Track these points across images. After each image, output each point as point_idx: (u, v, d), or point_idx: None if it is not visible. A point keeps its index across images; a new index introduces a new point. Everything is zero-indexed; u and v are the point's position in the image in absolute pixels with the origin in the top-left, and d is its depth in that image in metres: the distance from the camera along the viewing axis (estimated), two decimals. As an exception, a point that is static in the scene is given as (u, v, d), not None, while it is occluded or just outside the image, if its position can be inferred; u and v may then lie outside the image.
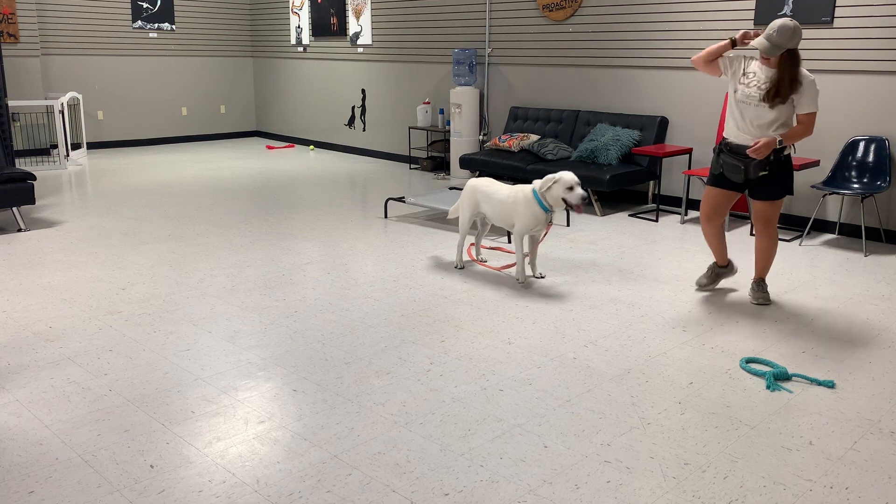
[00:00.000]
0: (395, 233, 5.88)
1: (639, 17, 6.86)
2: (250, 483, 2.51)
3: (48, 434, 2.81)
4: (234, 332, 3.83)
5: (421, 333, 3.83)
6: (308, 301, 4.31)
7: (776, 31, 3.77)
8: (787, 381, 3.30)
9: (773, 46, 3.79)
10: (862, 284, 4.68)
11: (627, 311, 4.17)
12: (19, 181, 5.76)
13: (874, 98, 5.61)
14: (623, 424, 2.91)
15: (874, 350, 3.66)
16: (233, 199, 7.16)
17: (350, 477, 2.55)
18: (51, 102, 8.72)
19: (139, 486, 2.48)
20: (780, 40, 3.77)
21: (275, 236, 5.77)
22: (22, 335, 3.78)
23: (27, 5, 9.38)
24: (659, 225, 6.24)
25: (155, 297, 4.37)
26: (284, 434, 2.83)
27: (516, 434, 2.83)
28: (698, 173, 6.13)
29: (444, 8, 8.65)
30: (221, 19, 11.41)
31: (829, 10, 5.70)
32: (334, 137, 10.66)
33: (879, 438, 2.82)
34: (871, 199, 5.75)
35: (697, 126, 6.66)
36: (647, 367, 3.44)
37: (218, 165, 9.24)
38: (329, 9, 10.17)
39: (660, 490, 2.48)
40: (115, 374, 3.34)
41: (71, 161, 9.21)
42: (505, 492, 2.46)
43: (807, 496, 2.45)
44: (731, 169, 4.12)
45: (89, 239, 5.66)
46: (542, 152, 7.00)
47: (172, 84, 11.06)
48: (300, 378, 3.31)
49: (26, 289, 4.49)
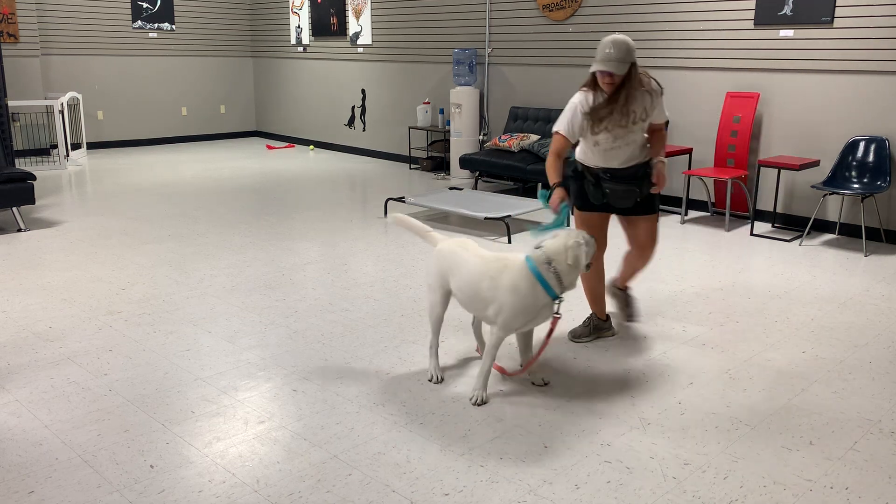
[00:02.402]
0: (395, 233, 5.88)
1: (639, 17, 6.86)
2: (250, 483, 2.51)
3: (48, 434, 2.81)
4: (234, 332, 3.83)
5: (421, 333, 3.83)
6: (308, 301, 4.31)
7: (613, 49, 3.35)
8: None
9: (621, 63, 3.36)
10: (862, 284, 4.68)
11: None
12: (19, 181, 5.76)
13: (874, 98, 5.61)
14: (623, 424, 2.91)
15: (874, 350, 3.66)
16: (233, 199, 7.16)
17: (350, 477, 2.54)
18: (51, 102, 8.72)
19: (139, 486, 2.48)
20: (621, 54, 3.35)
21: (275, 236, 5.77)
22: (22, 335, 3.78)
23: (27, 5, 9.38)
24: (659, 225, 6.24)
25: (155, 297, 4.37)
26: (284, 434, 2.83)
27: (516, 434, 2.83)
28: (699, 173, 6.13)
29: (444, 8, 8.65)
30: (221, 19, 11.40)
31: (829, 10, 5.70)
32: (334, 137, 10.66)
33: (879, 438, 2.82)
34: (871, 199, 5.75)
35: (697, 126, 6.66)
36: (647, 367, 3.43)
37: (218, 165, 9.24)
38: (329, 9, 10.16)
39: (660, 490, 2.48)
40: (115, 374, 3.34)
41: (71, 161, 9.20)
42: (505, 492, 2.46)
43: (807, 496, 2.45)
44: (623, 195, 3.63)
45: (89, 239, 5.66)
46: (542, 152, 7.00)
47: (172, 84, 11.06)
48: (300, 378, 3.31)
49: (26, 289, 4.49)
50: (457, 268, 3.12)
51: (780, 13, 5.95)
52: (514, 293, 2.95)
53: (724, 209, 6.42)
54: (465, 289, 3.08)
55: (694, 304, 4.30)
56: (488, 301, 3.01)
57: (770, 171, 6.19)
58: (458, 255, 3.14)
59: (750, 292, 4.50)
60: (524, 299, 2.96)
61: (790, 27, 5.94)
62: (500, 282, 2.98)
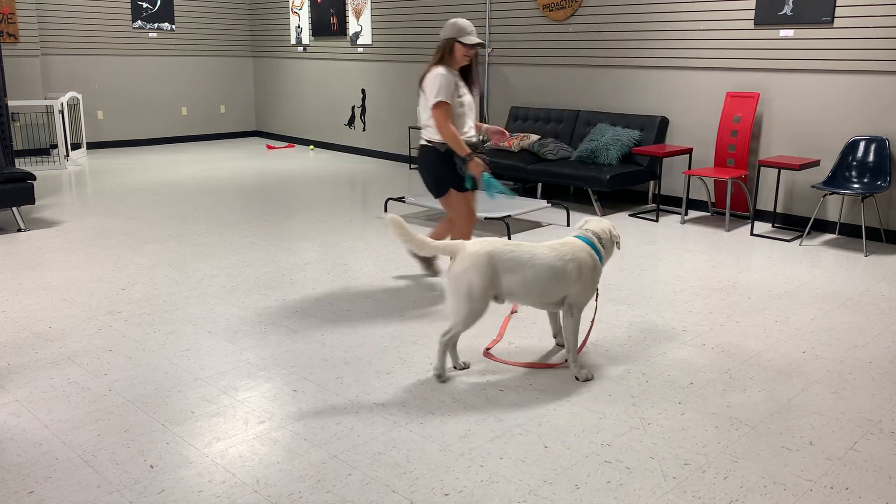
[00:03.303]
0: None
1: (639, 17, 6.86)
2: (250, 483, 2.51)
3: (48, 434, 2.81)
4: (234, 332, 3.83)
5: (421, 333, 3.83)
6: (308, 301, 4.31)
7: (469, 27, 4.03)
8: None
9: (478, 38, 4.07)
10: (862, 284, 4.68)
11: (628, 311, 4.17)
12: (19, 181, 5.76)
13: (874, 98, 5.61)
14: (623, 424, 2.91)
15: (874, 350, 3.66)
16: (233, 199, 7.16)
17: (350, 477, 2.54)
18: (51, 102, 8.72)
19: (139, 486, 2.48)
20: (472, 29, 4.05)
21: (275, 236, 5.77)
22: (22, 335, 3.78)
23: (27, 5, 9.38)
24: (659, 225, 6.24)
25: (155, 297, 4.37)
26: (284, 434, 2.82)
27: (516, 434, 2.83)
28: (699, 173, 6.13)
29: (444, 8, 8.65)
30: (221, 19, 11.40)
31: (829, 10, 5.70)
32: (334, 137, 10.66)
33: (879, 438, 2.82)
34: (871, 199, 5.75)
35: (697, 126, 6.66)
36: (647, 367, 3.43)
37: (218, 165, 9.24)
38: (329, 9, 10.16)
39: (660, 490, 2.48)
40: (115, 374, 3.34)
41: (71, 161, 9.20)
42: (505, 492, 2.46)
43: (807, 496, 2.45)
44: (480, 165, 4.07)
45: (89, 239, 5.66)
46: (543, 152, 7.00)
47: (172, 84, 11.06)
48: (300, 378, 3.30)
49: (26, 289, 4.49)
50: (515, 266, 3.12)
51: (780, 13, 5.95)
52: (593, 271, 3.22)
53: (725, 209, 6.42)
54: (533, 282, 3.13)
55: (694, 304, 4.30)
56: (569, 285, 3.18)
57: (770, 170, 6.20)
58: (512, 254, 3.14)
59: (750, 292, 4.50)
60: (596, 275, 3.25)
61: (790, 27, 5.94)
62: (579, 263, 3.18)
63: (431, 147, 4.12)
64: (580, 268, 3.17)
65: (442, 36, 4.06)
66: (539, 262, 3.13)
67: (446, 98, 3.94)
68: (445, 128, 3.96)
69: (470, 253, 3.12)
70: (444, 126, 3.95)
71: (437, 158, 4.11)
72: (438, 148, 4.09)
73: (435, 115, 3.95)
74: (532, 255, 3.14)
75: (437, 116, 3.95)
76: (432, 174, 4.17)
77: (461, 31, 4.00)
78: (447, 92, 3.94)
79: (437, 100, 3.93)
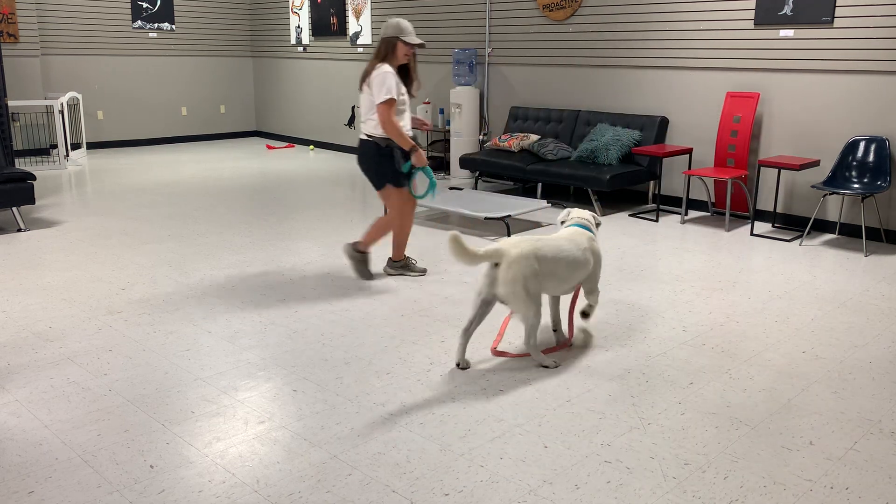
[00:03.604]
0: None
1: (639, 17, 6.86)
2: (250, 483, 2.51)
3: (48, 434, 2.81)
4: (234, 332, 3.83)
5: (421, 333, 3.83)
6: (308, 301, 4.31)
7: (410, 28, 4.26)
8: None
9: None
10: (862, 284, 4.68)
11: (627, 311, 4.17)
12: (19, 181, 5.76)
13: (874, 98, 5.61)
14: (623, 424, 2.91)
15: (874, 350, 3.66)
16: (233, 199, 7.16)
17: (350, 477, 2.54)
18: (51, 102, 8.72)
19: (139, 486, 2.48)
20: (413, 30, 4.29)
21: (275, 236, 5.77)
22: (22, 335, 3.78)
23: (27, 5, 9.38)
24: (659, 225, 6.24)
25: (155, 297, 4.37)
26: (284, 434, 2.82)
27: (516, 434, 2.83)
28: (699, 173, 6.13)
29: (444, 8, 8.65)
30: (221, 19, 11.40)
31: (829, 10, 5.70)
32: (334, 137, 10.66)
33: (879, 438, 2.82)
34: (871, 199, 5.75)
35: (697, 126, 6.66)
36: (647, 367, 3.43)
37: (218, 165, 9.24)
38: (329, 9, 10.16)
39: (660, 490, 2.48)
40: (115, 374, 3.34)
41: (71, 161, 9.21)
42: (505, 492, 2.46)
43: (807, 496, 2.45)
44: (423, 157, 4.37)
45: (89, 239, 5.66)
46: (543, 152, 7.00)
47: (172, 84, 11.06)
48: (300, 378, 3.31)
49: (26, 289, 4.49)
50: (552, 260, 3.35)
51: (780, 13, 5.95)
52: (598, 253, 3.61)
53: (725, 209, 6.42)
54: (565, 274, 3.41)
55: (694, 304, 4.30)
56: (587, 270, 3.52)
57: (770, 170, 6.20)
58: (548, 250, 3.35)
59: (750, 292, 4.50)
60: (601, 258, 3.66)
61: (790, 27, 5.94)
62: (592, 249, 3.54)
63: (372, 141, 4.33)
64: (594, 252, 3.56)
65: (384, 34, 4.26)
66: (570, 254, 3.42)
67: (394, 95, 4.16)
68: (391, 123, 4.18)
69: (517, 257, 3.25)
70: (389, 122, 4.18)
71: (377, 153, 4.33)
72: (379, 143, 4.31)
73: (381, 111, 4.17)
74: (560, 249, 3.40)
75: (384, 112, 4.16)
76: (372, 168, 4.40)
77: (404, 31, 4.25)
78: (395, 90, 4.18)
79: (386, 97, 4.14)
